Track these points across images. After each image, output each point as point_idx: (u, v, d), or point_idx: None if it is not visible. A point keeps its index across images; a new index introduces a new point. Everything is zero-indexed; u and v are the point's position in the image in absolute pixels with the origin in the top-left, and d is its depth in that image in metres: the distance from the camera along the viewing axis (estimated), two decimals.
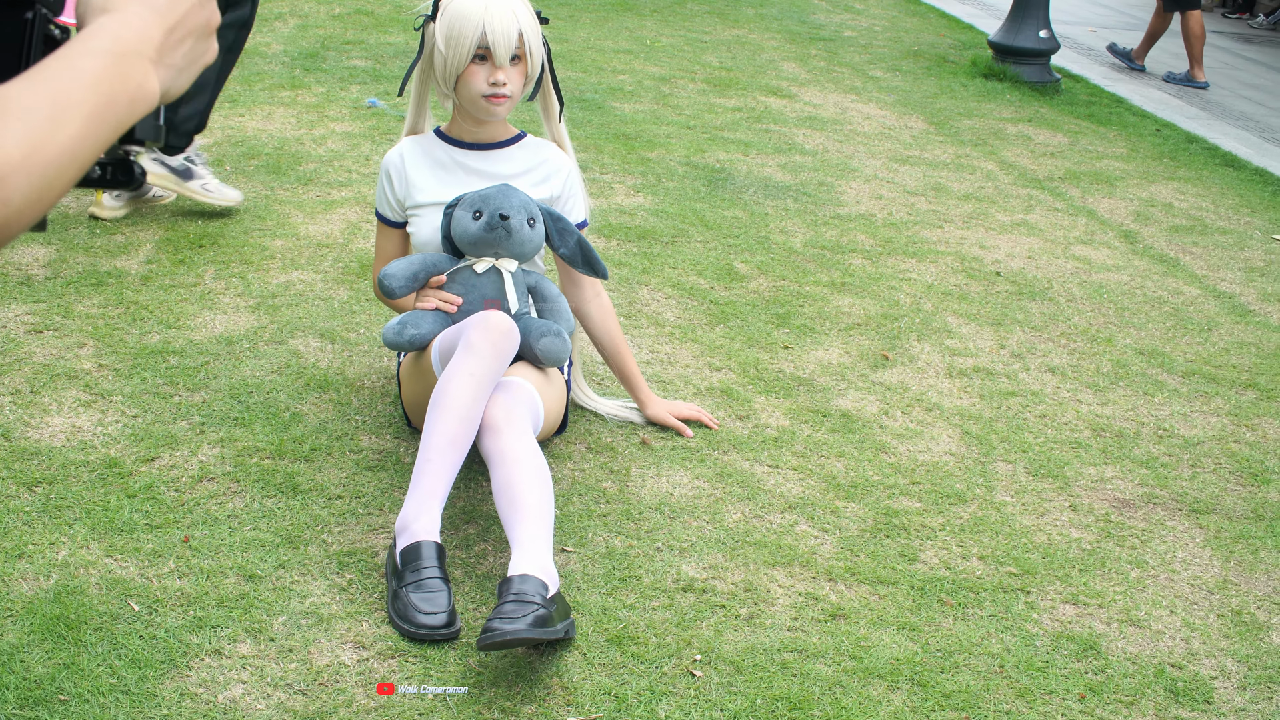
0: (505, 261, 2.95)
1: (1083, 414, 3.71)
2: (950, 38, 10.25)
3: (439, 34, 2.93)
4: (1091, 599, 2.81)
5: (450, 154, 3.08)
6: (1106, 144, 7.24)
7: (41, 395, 3.14)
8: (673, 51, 8.16)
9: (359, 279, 3.99)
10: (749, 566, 2.75)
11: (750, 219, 5.03)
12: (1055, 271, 4.90)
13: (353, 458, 3.01)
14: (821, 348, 3.92)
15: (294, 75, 6.40)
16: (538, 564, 2.44)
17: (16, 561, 2.52)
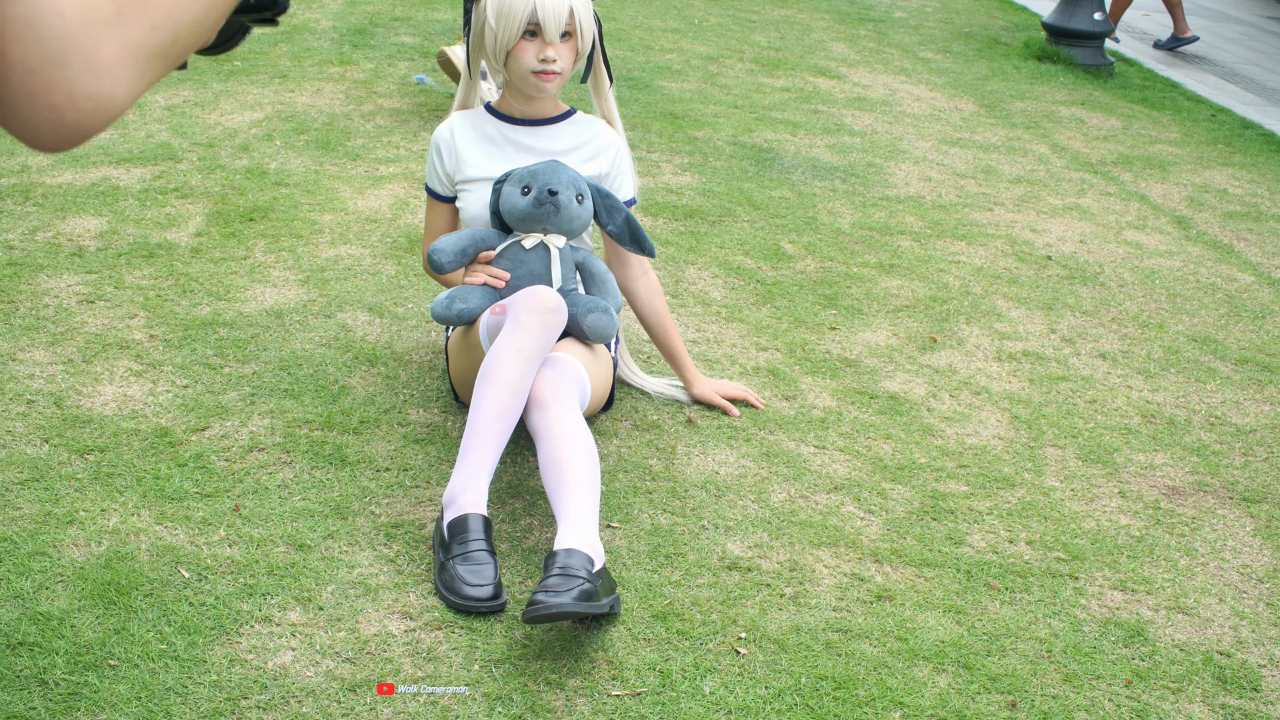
0: (553, 237, 2.95)
1: (1133, 400, 3.68)
2: (1003, 19, 10.16)
3: (489, 9, 2.93)
4: (1140, 585, 2.79)
5: (500, 129, 3.08)
6: (1160, 128, 7.16)
7: (93, 365, 3.17)
8: (721, 31, 8.13)
9: (407, 254, 4.00)
10: (794, 546, 2.75)
11: (798, 199, 5.01)
12: (1107, 256, 4.86)
13: (400, 430, 3.02)
14: (869, 329, 3.90)
15: (343, 51, 6.42)
16: (584, 539, 2.44)
17: (68, 528, 2.54)
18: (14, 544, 2.46)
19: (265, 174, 4.58)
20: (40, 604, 2.31)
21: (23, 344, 3.23)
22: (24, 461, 2.74)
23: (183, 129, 4.96)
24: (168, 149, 4.71)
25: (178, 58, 0.90)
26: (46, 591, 2.35)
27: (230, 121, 5.13)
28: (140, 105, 5.23)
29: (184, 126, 4.99)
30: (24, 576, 2.38)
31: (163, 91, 5.42)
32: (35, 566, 2.41)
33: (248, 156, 4.75)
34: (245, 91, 5.54)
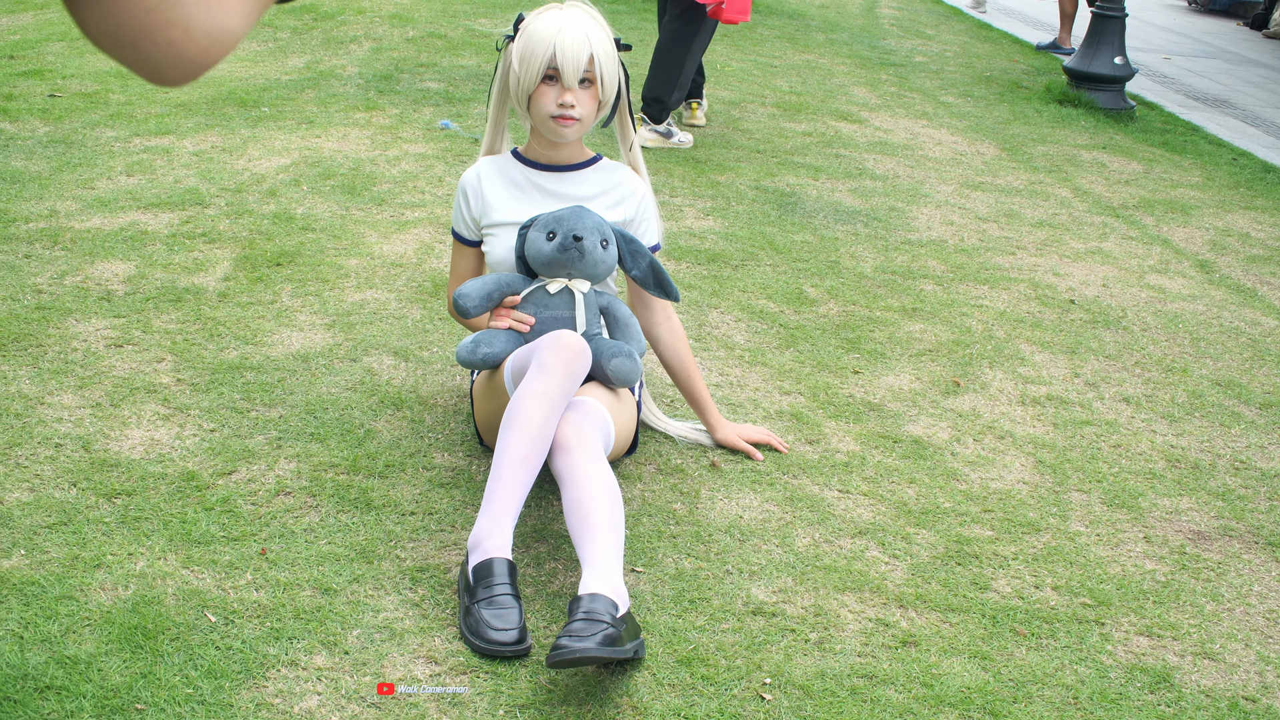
0: (578, 282, 2.97)
1: (1158, 444, 3.67)
2: (1024, 63, 10.19)
3: (515, 53, 2.97)
4: (1166, 631, 2.77)
5: (526, 174, 3.11)
6: (1181, 172, 7.17)
7: (121, 408, 3.20)
8: (743, 76, 8.17)
9: (432, 298, 4.03)
10: (819, 591, 2.75)
11: (820, 243, 5.03)
12: (1130, 300, 4.86)
13: (426, 474, 3.03)
14: (892, 373, 3.90)
15: (368, 97, 6.48)
16: (608, 583, 2.45)
17: (95, 571, 2.56)
18: (42, 587, 2.48)
19: (292, 219, 4.62)
20: (68, 647, 2.32)
21: (51, 387, 3.26)
22: (52, 505, 2.76)
23: (211, 174, 5.01)
24: (196, 194, 4.75)
25: None
26: (74, 635, 2.36)
27: (258, 167, 5.18)
28: (168, 151, 5.29)
29: (212, 172, 5.04)
30: (51, 620, 2.39)
31: (191, 137, 5.48)
32: (63, 610, 2.42)
33: (275, 201, 4.79)
34: (272, 137, 5.60)
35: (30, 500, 2.77)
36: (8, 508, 2.74)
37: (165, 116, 5.76)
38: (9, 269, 3.96)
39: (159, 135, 5.49)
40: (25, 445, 2.99)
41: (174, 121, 5.68)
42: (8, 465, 2.90)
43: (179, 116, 5.77)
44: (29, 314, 3.65)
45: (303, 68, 7.01)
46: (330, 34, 7.88)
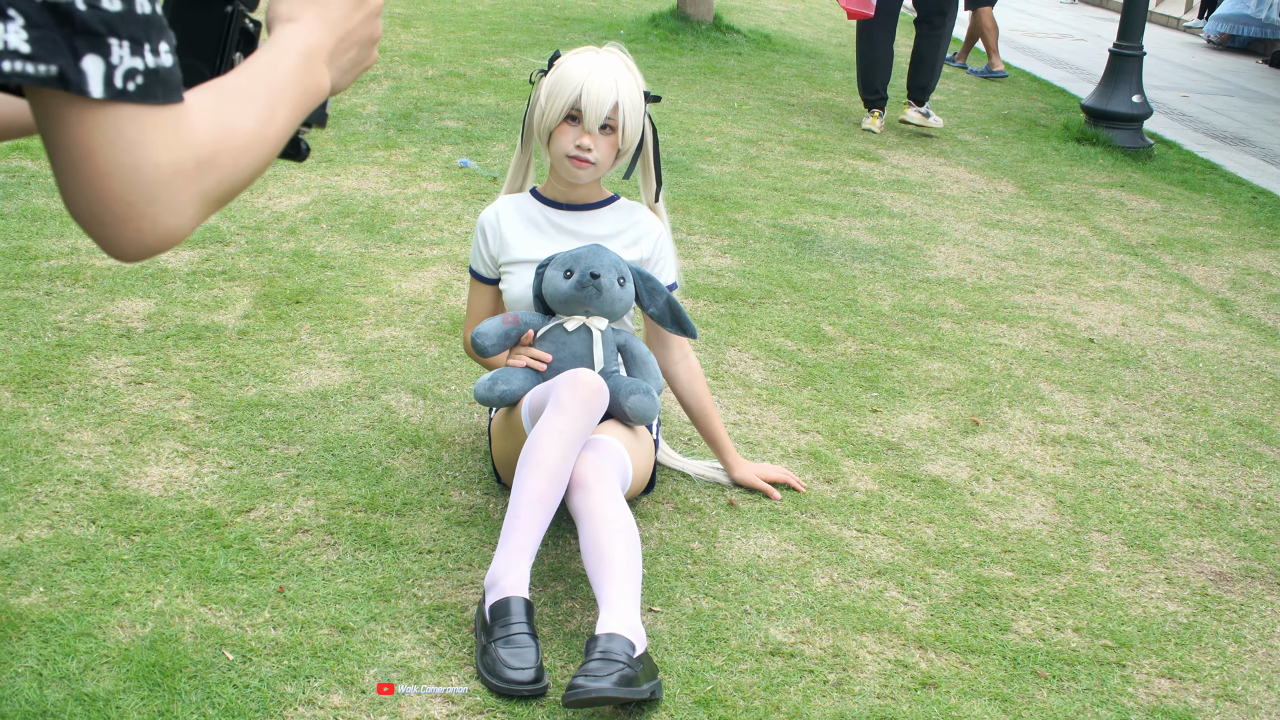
0: (595, 320, 2.98)
1: (1178, 485, 3.65)
2: (1041, 101, 10.21)
3: (544, 87, 2.99)
4: (1188, 673, 2.75)
5: (544, 213, 3.12)
6: (1200, 211, 7.16)
7: (140, 445, 3.21)
8: (760, 114, 8.20)
9: (450, 336, 4.04)
10: (837, 631, 2.73)
11: (838, 281, 5.03)
12: (1149, 339, 4.84)
13: (443, 513, 3.03)
14: (910, 412, 3.90)
15: (388, 136, 6.52)
16: (625, 623, 2.44)
17: (113, 609, 2.56)
18: (60, 625, 2.48)
19: (311, 257, 4.64)
20: (86, 685, 2.32)
21: (71, 425, 3.27)
22: (71, 542, 2.77)
23: (231, 213, 5.04)
24: (216, 232, 4.78)
25: (232, 198, 1.14)
26: (92, 673, 2.36)
27: (278, 205, 5.21)
28: None
29: (232, 210, 5.07)
30: (70, 658, 2.39)
31: None
32: (81, 648, 2.42)
33: (294, 239, 4.82)
34: (292, 176, 5.63)
35: (50, 537, 2.78)
36: (27, 544, 2.74)
37: None
38: (30, 306, 3.98)
39: None
40: (45, 482, 3.00)
41: None
42: (28, 502, 2.91)
43: None
44: (50, 351, 3.67)
45: None
46: None
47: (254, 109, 1.14)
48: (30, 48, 0.97)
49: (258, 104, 1.14)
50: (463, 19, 10.50)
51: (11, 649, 2.40)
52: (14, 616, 2.49)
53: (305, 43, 1.23)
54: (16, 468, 3.04)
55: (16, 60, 0.97)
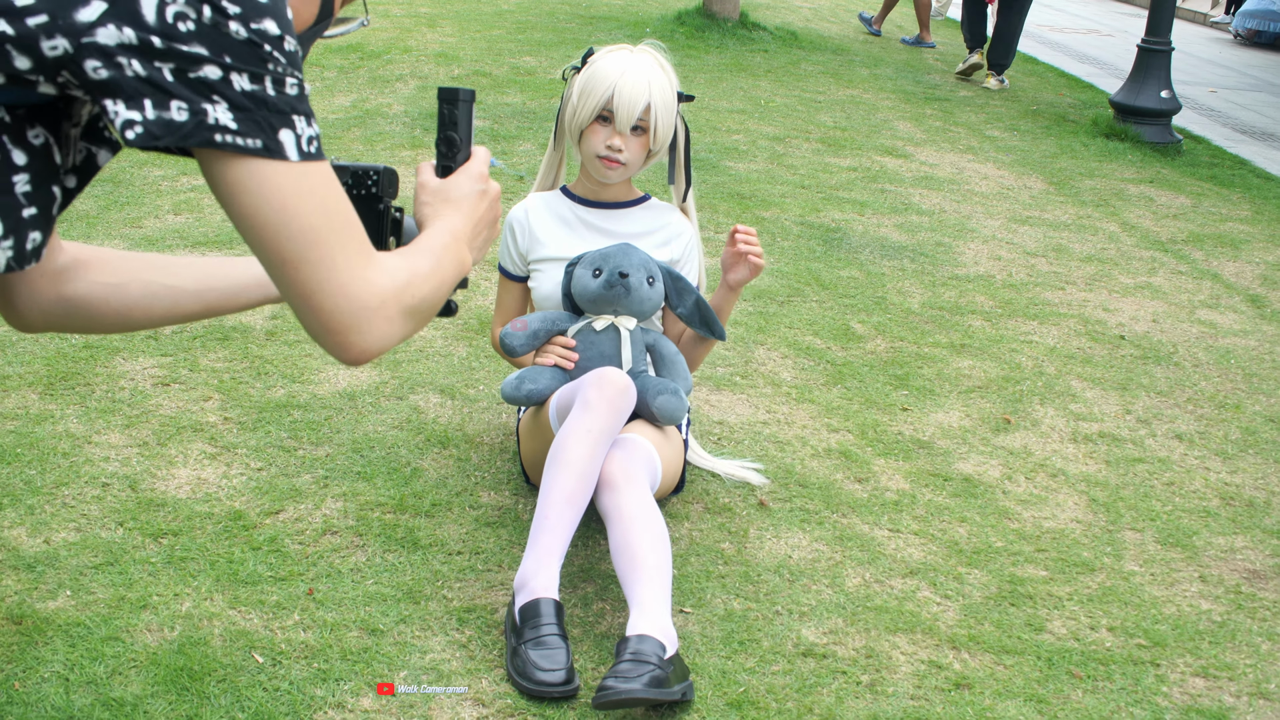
0: (624, 319, 2.96)
1: (1211, 482, 3.61)
2: (1070, 97, 10.15)
3: (576, 85, 2.97)
4: (1222, 672, 2.72)
5: (574, 211, 3.10)
6: (1230, 206, 7.09)
7: (168, 447, 3.20)
8: (787, 111, 8.17)
9: (478, 336, 4.02)
10: (870, 632, 2.70)
11: (866, 279, 5.00)
12: (1180, 336, 4.80)
13: (472, 514, 3.02)
14: (941, 410, 3.86)
15: (414, 135, 6.52)
16: (656, 624, 2.42)
17: (141, 612, 2.55)
18: (88, 629, 2.47)
19: None
20: (114, 690, 2.31)
21: (99, 426, 3.27)
22: (99, 545, 2.76)
23: None
24: None
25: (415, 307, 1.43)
26: (120, 677, 2.35)
27: None
28: None
29: None
30: (98, 662, 2.38)
31: None
32: (109, 652, 2.41)
33: None
34: None
35: (77, 540, 2.77)
36: (54, 548, 2.74)
37: None
38: None
39: None
40: (72, 485, 2.99)
41: None
42: (55, 505, 2.91)
43: None
44: (77, 353, 3.67)
45: (349, 106, 7.06)
46: (376, 73, 7.93)
47: (430, 287, 1.46)
48: (237, 125, 1.23)
49: (432, 282, 1.47)
50: (488, 18, 10.49)
51: (38, 654, 2.39)
52: (41, 621, 2.49)
53: (451, 230, 1.57)
54: (44, 470, 3.04)
55: (227, 134, 1.23)
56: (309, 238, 1.30)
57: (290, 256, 1.30)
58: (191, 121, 1.21)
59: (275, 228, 1.28)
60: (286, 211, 1.28)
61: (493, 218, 1.67)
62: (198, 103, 1.21)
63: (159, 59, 1.19)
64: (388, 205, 1.67)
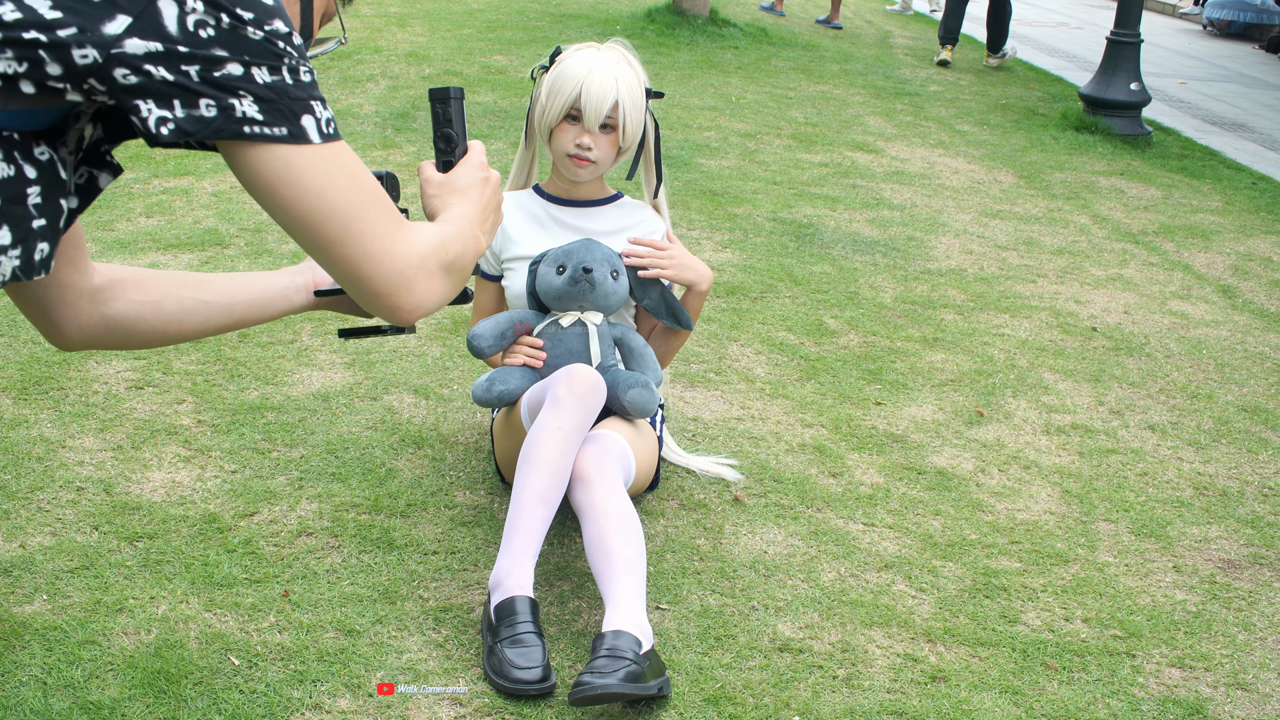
0: (591, 315, 2.97)
1: (1184, 472, 3.63)
2: (1039, 90, 10.20)
3: (545, 84, 2.97)
4: (1198, 662, 2.74)
5: (546, 209, 3.10)
6: (1201, 197, 7.14)
7: (142, 451, 3.19)
8: (758, 108, 8.18)
9: (451, 335, 4.02)
10: (846, 626, 2.72)
11: (839, 274, 5.02)
12: (1152, 327, 4.83)
13: (448, 513, 3.02)
14: (915, 404, 3.88)
15: (385, 135, 6.50)
16: (632, 620, 2.43)
17: (117, 616, 2.54)
18: (64, 633, 2.47)
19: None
20: (91, 693, 2.30)
21: (73, 430, 3.26)
22: (74, 549, 2.75)
23: (230, 215, 5.02)
24: (215, 234, 4.77)
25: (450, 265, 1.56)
26: (97, 680, 2.34)
27: None
28: (187, 191, 5.31)
29: (231, 212, 5.05)
30: (74, 665, 2.38)
31: (210, 178, 5.50)
32: (85, 655, 2.41)
33: (293, 241, 4.79)
34: None
35: (52, 544, 2.76)
36: (30, 552, 2.73)
37: (184, 158, 5.78)
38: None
39: (178, 176, 5.51)
40: (47, 489, 2.98)
41: (192, 163, 5.70)
42: (30, 509, 2.90)
43: (198, 158, 5.79)
44: (50, 357, 3.65)
45: None
46: (347, 73, 7.92)
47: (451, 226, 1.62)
48: (263, 116, 1.33)
49: (453, 225, 1.63)
50: (459, 17, 10.48)
51: (15, 658, 2.38)
52: (17, 625, 2.48)
53: (465, 216, 1.69)
54: (18, 475, 3.03)
55: (255, 125, 1.33)
56: (347, 214, 1.40)
57: (333, 236, 1.41)
58: (220, 117, 1.31)
59: (317, 212, 1.39)
60: (323, 194, 1.38)
61: (497, 203, 1.79)
62: (224, 99, 1.31)
63: (185, 63, 1.29)
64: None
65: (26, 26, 1.25)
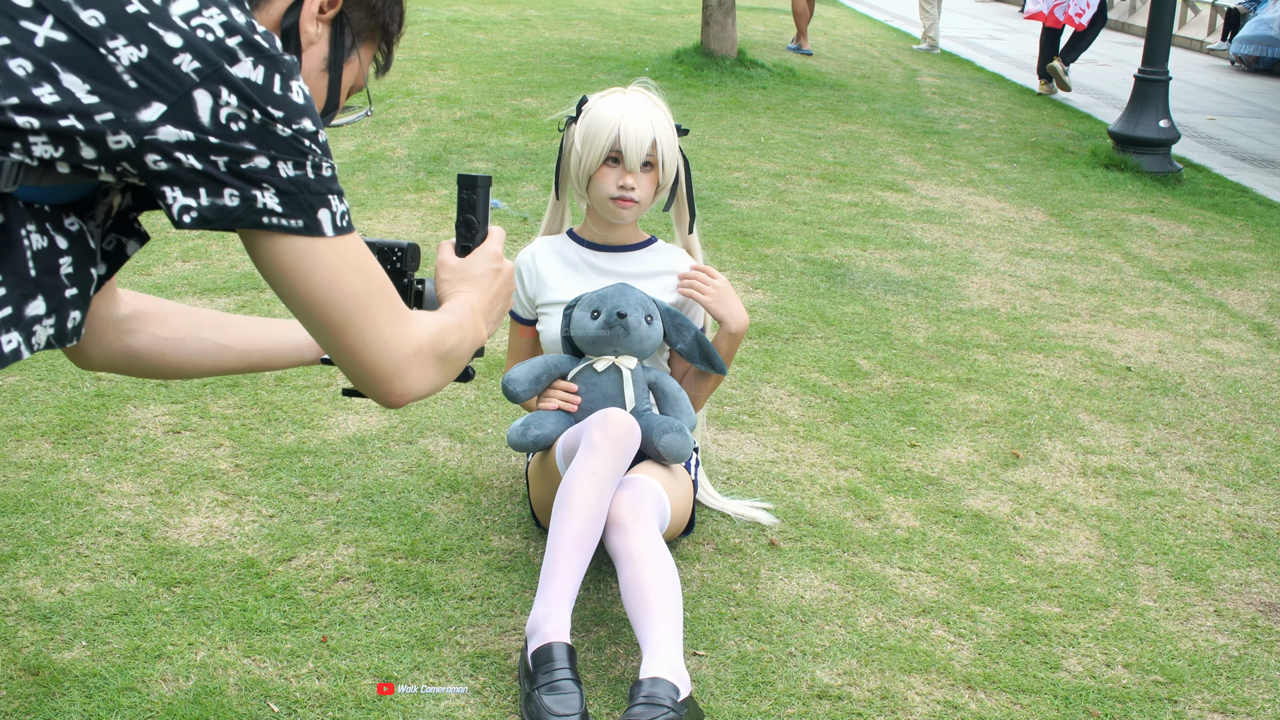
0: (625, 359, 2.97)
1: (1223, 514, 3.61)
2: (1068, 128, 10.19)
3: (578, 134, 3.00)
4: (1240, 707, 2.71)
5: (580, 254, 3.12)
6: (1233, 234, 7.11)
7: (180, 495, 3.21)
8: (786, 148, 8.20)
9: (486, 379, 4.03)
10: (885, 673, 2.70)
11: (871, 314, 5.01)
12: (1187, 366, 4.80)
13: (484, 558, 3.02)
14: (949, 446, 3.87)
15: (418, 178, 6.55)
16: (669, 666, 2.42)
17: (156, 662, 2.55)
18: (103, 679, 2.47)
19: None
20: None
21: (111, 475, 3.28)
22: (113, 595, 2.76)
23: None
24: (251, 279, 4.80)
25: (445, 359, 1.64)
26: None
27: None
28: (223, 236, 5.35)
29: None
30: (114, 712, 2.38)
31: None
32: (125, 702, 2.41)
33: None
34: None
35: (91, 590, 2.78)
36: (69, 598, 2.74)
37: None
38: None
39: None
40: (86, 534, 3.00)
41: None
42: (69, 555, 2.91)
43: None
44: (88, 401, 3.68)
45: (353, 151, 7.10)
46: (379, 117, 7.98)
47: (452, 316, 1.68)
48: (282, 208, 1.39)
49: (453, 315, 1.69)
50: (489, 60, 10.55)
51: (55, 705, 2.39)
52: (57, 672, 2.49)
53: (469, 304, 1.75)
54: (57, 520, 3.05)
55: (274, 217, 1.39)
56: (352, 304, 1.47)
57: (336, 323, 1.48)
58: (242, 206, 1.37)
59: (324, 301, 1.46)
60: (331, 284, 1.45)
61: (507, 293, 1.86)
62: (248, 190, 1.36)
63: (214, 153, 1.34)
64: (411, 278, 1.85)
65: (64, 113, 1.29)
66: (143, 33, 1.31)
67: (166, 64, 1.31)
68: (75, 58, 1.29)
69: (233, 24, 1.35)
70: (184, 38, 1.32)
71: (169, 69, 1.31)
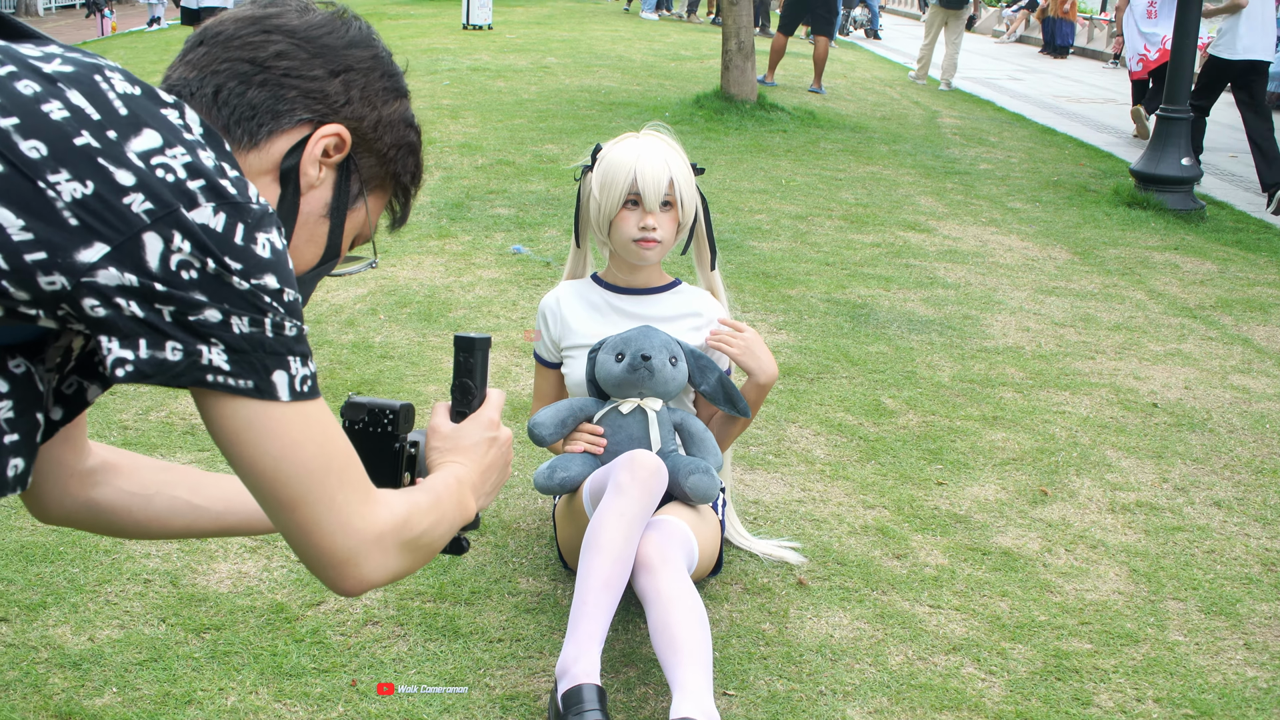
0: (650, 401, 2.98)
1: (1252, 549, 3.58)
2: (1090, 166, 10.20)
3: (595, 181, 3.02)
4: None
5: (605, 298, 3.14)
6: (1257, 270, 7.09)
7: (208, 542, 3.22)
8: (808, 190, 8.23)
9: (511, 421, 4.05)
10: (916, 711, 2.69)
11: (895, 354, 5.01)
12: (1214, 402, 4.78)
13: (511, 600, 3.02)
14: (977, 484, 3.86)
15: (441, 225, 6.59)
16: (700, 707, 2.41)
17: (186, 708, 2.55)
18: None
19: (370, 347, 4.68)
20: None
21: None
22: (142, 641, 2.77)
23: None
24: None
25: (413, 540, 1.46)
26: None
27: (335, 298, 5.27)
28: None
29: None
30: None
31: None
32: None
33: (353, 331, 4.86)
34: None
35: (121, 637, 2.79)
36: (99, 645, 2.75)
37: None
38: (95, 405, 4.03)
39: None
40: (115, 582, 3.01)
41: None
42: (98, 602, 2.93)
43: None
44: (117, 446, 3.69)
45: None
46: None
47: (427, 495, 1.52)
48: (230, 366, 1.25)
49: (430, 494, 1.53)
50: (509, 107, 10.63)
51: None
52: (89, 718, 2.49)
53: (456, 475, 1.61)
54: (86, 568, 3.06)
55: (219, 375, 1.26)
56: (305, 481, 1.33)
57: (286, 500, 1.34)
58: (185, 361, 1.24)
59: (274, 473, 1.32)
60: (284, 455, 1.31)
61: (503, 463, 1.71)
62: (193, 344, 1.24)
63: (159, 302, 1.22)
64: (404, 443, 1.69)
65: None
66: (90, 168, 1.20)
67: (115, 203, 1.20)
68: (9, 191, 1.18)
69: (198, 166, 1.25)
70: (138, 176, 1.21)
71: (117, 208, 1.20)
